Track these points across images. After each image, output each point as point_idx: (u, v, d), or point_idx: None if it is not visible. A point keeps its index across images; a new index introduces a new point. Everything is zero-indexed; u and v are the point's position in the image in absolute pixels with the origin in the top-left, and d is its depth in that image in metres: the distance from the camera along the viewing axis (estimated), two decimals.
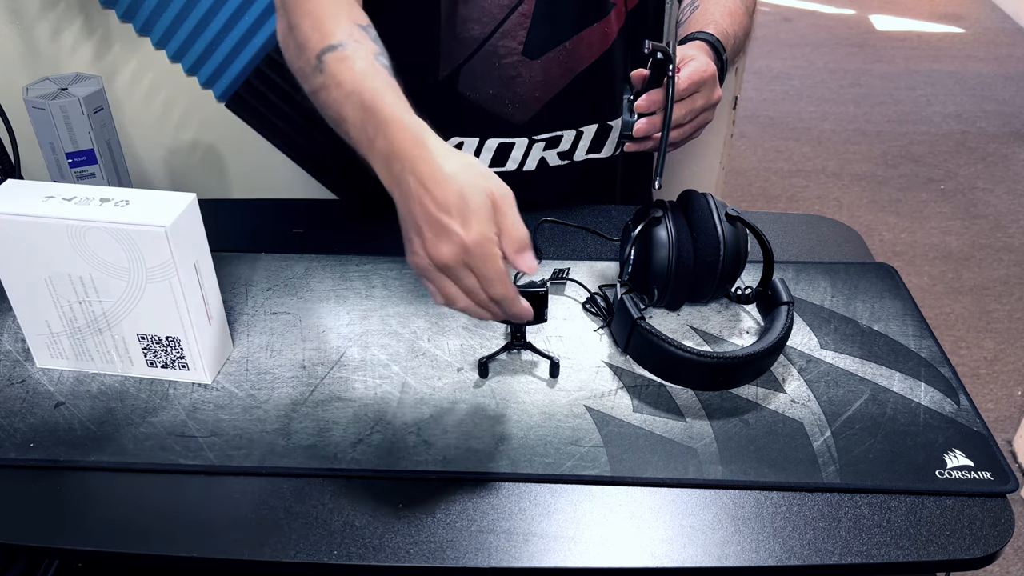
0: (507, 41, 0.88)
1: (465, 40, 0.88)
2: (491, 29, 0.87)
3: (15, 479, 0.65)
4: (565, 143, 0.97)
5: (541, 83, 0.91)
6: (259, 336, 0.79)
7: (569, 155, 0.98)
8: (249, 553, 0.60)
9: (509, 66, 0.90)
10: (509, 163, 0.96)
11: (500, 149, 0.96)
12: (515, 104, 0.92)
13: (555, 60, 0.90)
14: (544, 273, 0.88)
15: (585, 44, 0.91)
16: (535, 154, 0.97)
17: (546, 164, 0.98)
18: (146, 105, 1.26)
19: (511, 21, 0.87)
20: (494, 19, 0.87)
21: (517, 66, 0.90)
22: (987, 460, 0.67)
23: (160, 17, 1.19)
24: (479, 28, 0.88)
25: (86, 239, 0.66)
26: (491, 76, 0.90)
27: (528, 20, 0.88)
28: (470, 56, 0.89)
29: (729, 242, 0.76)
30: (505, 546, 0.60)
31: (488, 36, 0.88)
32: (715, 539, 0.61)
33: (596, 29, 0.90)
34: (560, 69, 0.91)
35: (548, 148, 0.97)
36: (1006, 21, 4.26)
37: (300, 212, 1.04)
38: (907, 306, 0.85)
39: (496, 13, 0.87)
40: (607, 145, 1.00)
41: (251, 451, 0.67)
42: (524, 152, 0.96)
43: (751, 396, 0.73)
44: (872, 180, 2.82)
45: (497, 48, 0.88)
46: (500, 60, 0.89)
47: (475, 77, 0.90)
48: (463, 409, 0.71)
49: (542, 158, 0.97)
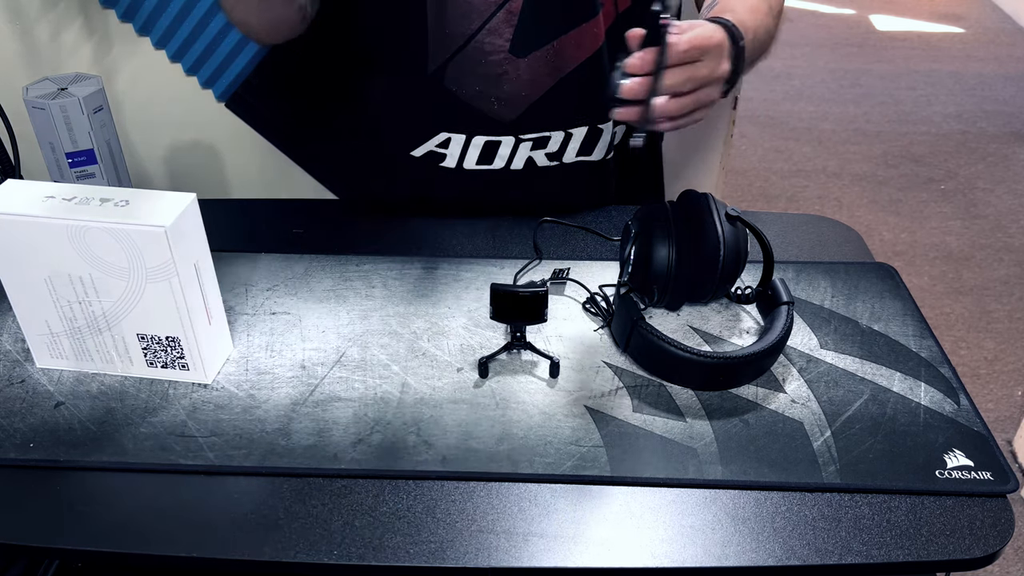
0: (493, 38, 0.88)
1: (452, 35, 0.88)
2: (478, 25, 0.87)
3: (15, 479, 0.65)
4: (553, 144, 0.97)
5: (528, 82, 0.91)
6: (259, 336, 0.79)
7: (558, 156, 0.98)
8: (249, 553, 0.60)
9: (495, 63, 0.89)
10: (496, 161, 0.96)
11: (487, 147, 0.95)
12: (502, 102, 0.92)
13: (542, 59, 0.90)
14: (544, 273, 0.88)
15: (573, 44, 0.90)
16: (522, 153, 0.96)
17: (534, 164, 0.98)
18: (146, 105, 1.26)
19: (498, 18, 0.87)
20: (481, 15, 0.87)
21: (503, 64, 0.90)
22: (987, 460, 0.67)
23: (160, 17, 1.19)
24: (466, 24, 0.87)
25: (86, 239, 0.66)
26: (477, 73, 0.90)
27: (515, 18, 0.87)
28: (456, 52, 0.89)
29: (729, 242, 0.76)
30: (505, 546, 0.60)
31: (475, 32, 0.88)
32: (715, 539, 0.61)
33: (585, 30, 0.90)
34: (547, 68, 0.91)
35: (536, 148, 0.96)
36: (1006, 21, 4.26)
37: (300, 212, 1.04)
38: (907, 306, 0.85)
39: (483, 9, 0.87)
40: (598, 148, 0.99)
41: (251, 451, 0.67)
42: (511, 150, 0.96)
43: (751, 396, 0.73)
44: (872, 180, 2.82)
45: (483, 45, 0.88)
46: (486, 57, 0.89)
47: (462, 73, 0.90)
48: (463, 409, 0.71)
49: (530, 158, 0.97)
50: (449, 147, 0.96)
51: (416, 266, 0.89)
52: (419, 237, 0.96)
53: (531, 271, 0.89)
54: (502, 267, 0.89)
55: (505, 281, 0.86)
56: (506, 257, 0.91)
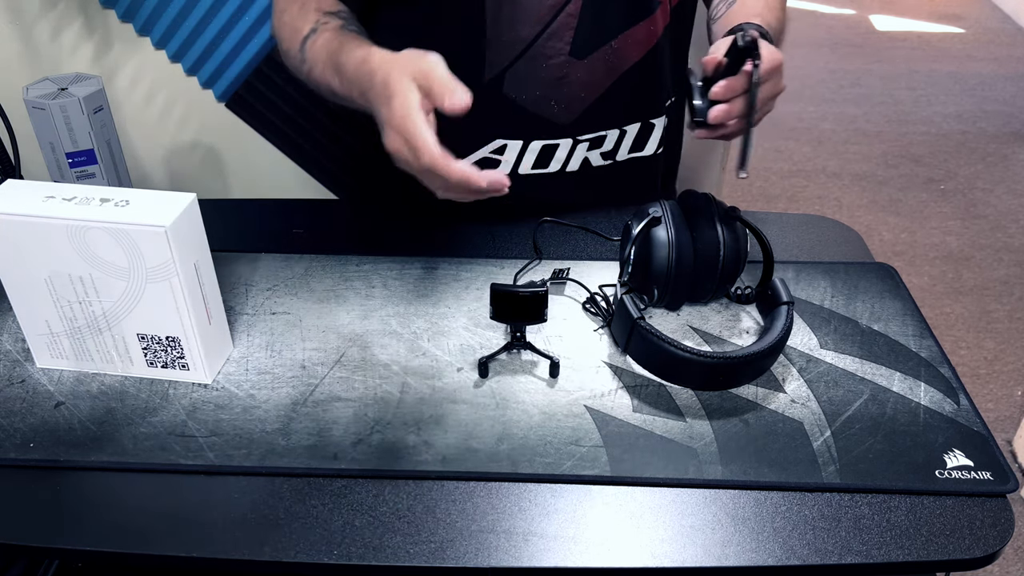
0: (554, 42, 0.88)
1: (511, 42, 0.88)
2: (538, 30, 0.87)
3: (15, 479, 0.65)
4: (608, 143, 0.96)
5: (587, 83, 0.91)
6: (259, 336, 0.79)
7: (612, 155, 0.97)
8: (249, 553, 0.60)
9: (556, 67, 0.89)
10: (552, 164, 0.96)
11: (544, 151, 0.95)
12: (561, 105, 0.91)
13: (601, 60, 0.90)
14: (544, 273, 0.88)
15: (632, 42, 0.90)
16: (579, 155, 0.96)
17: (589, 164, 0.97)
18: (146, 105, 1.26)
19: (558, 21, 0.87)
20: (541, 20, 0.86)
21: (564, 67, 0.89)
22: (987, 460, 0.67)
23: (160, 17, 1.19)
24: (527, 29, 0.87)
25: (86, 239, 0.66)
26: (537, 77, 0.89)
27: (575, 20, 0.87)
28: (517, 58, 0.88)
29: (729, 242, 0.76)
30: (505, 546, 0.60)
31: (535, 37, 0.87)
32: (715, 539, 0.61)
33: (642, 27, 0.90)
34: (606, 68, 0.90)
35: (592, 148, 0.96)
36: (1006, 21, 4.26)
37: (300, 212, 1.04)
38: (907, 306, 0.85)
39: (543, 14, 0.86)
40: (649, 143, 0.99)
41: (251, 451, 0.67)
42: (568, 153, 0.95)
43: (751, 396, 0.73)
44: (872, 180, 2.82)
45: (544, 49, 0.88)
46: (547, 61, 0.88)
47: (521, 79, 0.90)
48: (463, 409, 0.71)
49: (585, 158, 0.96)
50: (504, 153, 0.94)
51: (416, 266, 0.89)
52: (419, 237, 0.96)
53: (531, 271, 0.89)
54: (502, 267, 0.89)
55: (505, 281, 0.86)
56: (506, 257, 0.91)
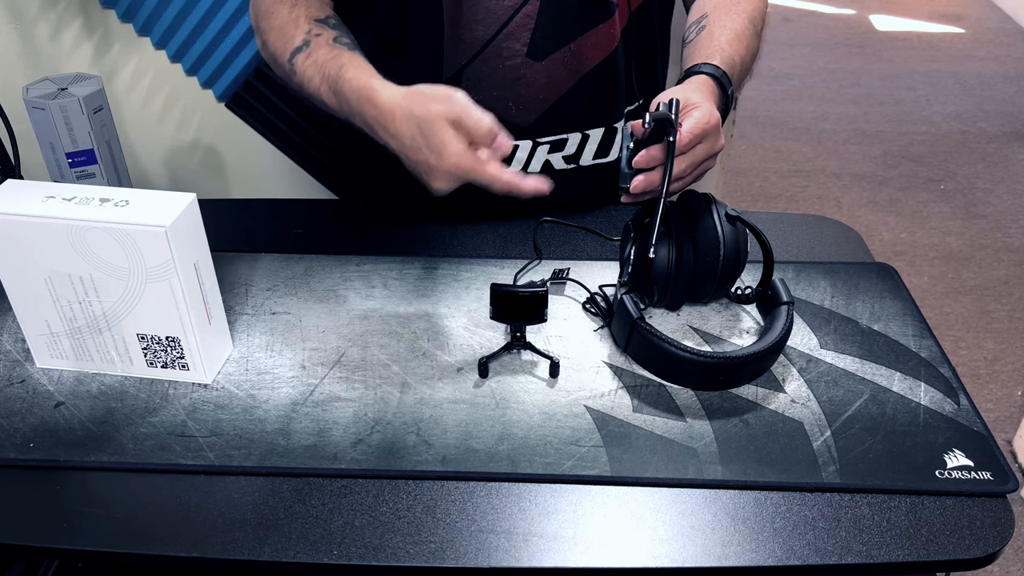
0: (511, 43, 0.88)
1: (469, 42, 0.88)
2: (495, 30, 0.87)
3: (15, 479, 0.65)
4: (570, 146, 0.96)
5: (545, 85, 0.91)
6: (259, 336, 0.79)
7: (575, 159, 0.98)
8: (249, 553, 0.60)
9: (513, 68, 0.89)
10: (513, 165, 0.96)
11: None
12: (519, 106, 0.92)
13: (560, 62, 0.90)
14: (544, 273, 0.88)
15: (590, 45, 0.90)
16: (539, 157, 0.96)
17: (551, 167, 0.97)
18: (146, 105, 1.27)
19: (515, 22, 0.87)
20: (498, 20, 0.87)
21: (521, 68, 0.89)
22: (987, 460, 0.67)
23: (160, 17, 1.19)
24: (483, 29, 0.87)
25: (86, 239, 0.66)
26: (495, 78, 0.90)
27: (532, 21, 0.87)
28: (473, 58, 0.89)
29: (729, 242, 0.76)
30: (505, 546, 0.60)
31: (492, 37, 0.87)
32: (715, 539, 0.61)
33: (601, 30, 0.90)
34: (565, 71, 0.91)
35: (553, 151, 0.96)
36: (1006, 21, 4.26)
37: (300, 212, 1.04)
38: (907, 306, 0.85)
39: (500, 14, 0.86)
40: (614, 149, 0.99)
41: (251, 451, 0.67)
42: (528, 155, 0.96)
43: (751, 396, 0.73)
44: (872, 180, 2.82)
45: (501, 50, 0.88)
46: (504, 62, 0.89)
47: (478, 79, 0.90)
48: (463, 409, 0.71)
49: (547, 161, 0.97)
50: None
51: (416, 266, 0.89)
52: (419, 237, 0.96)
53: (531, 271, 0.89)
54: (502, 267, 0.89)
55: (505, 281, 0.86)
56: (506, 257, 0.91)
